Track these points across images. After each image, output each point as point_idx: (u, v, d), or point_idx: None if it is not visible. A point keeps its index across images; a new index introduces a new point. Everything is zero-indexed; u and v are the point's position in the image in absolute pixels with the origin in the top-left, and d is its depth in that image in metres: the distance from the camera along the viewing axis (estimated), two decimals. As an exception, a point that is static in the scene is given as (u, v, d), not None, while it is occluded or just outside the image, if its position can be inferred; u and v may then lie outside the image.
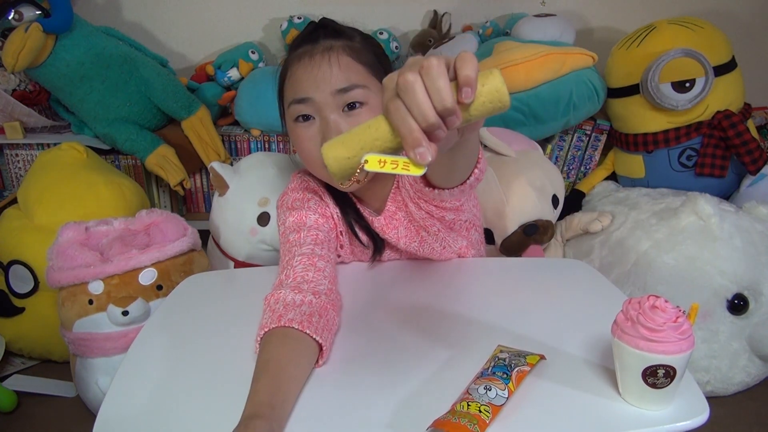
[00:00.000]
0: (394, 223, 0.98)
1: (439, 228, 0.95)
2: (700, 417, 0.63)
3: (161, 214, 1.37)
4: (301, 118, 0.88)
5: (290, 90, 0.89)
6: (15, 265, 1.47)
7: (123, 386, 0.71)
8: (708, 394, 1.40)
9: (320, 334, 0.74)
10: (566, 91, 1.66)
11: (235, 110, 1.81)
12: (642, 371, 0.61)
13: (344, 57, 0.87)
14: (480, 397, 0.63)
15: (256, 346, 0.74)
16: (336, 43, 0.88)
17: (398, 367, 0.73)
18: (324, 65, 0.86)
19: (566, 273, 1.00)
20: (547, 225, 1.52)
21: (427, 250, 0.99)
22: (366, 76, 0.88)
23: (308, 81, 0.86)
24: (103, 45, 1.65)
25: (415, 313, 0.85)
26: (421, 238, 0.98)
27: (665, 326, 0.60)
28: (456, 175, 0.72)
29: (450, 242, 0.99)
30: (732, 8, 2.00)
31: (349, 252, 1.03)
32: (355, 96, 0.86)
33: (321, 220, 0.96)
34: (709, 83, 1.55)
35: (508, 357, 0.69)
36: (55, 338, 1.38)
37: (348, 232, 1.01)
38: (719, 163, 1.62)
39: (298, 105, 0.87)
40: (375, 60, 0.91)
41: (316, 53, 0.87)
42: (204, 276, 1.05)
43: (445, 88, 0.47)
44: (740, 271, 1.37)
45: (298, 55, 0.89)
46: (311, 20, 0.95)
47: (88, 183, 1.49)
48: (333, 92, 0.85)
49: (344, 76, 0.85)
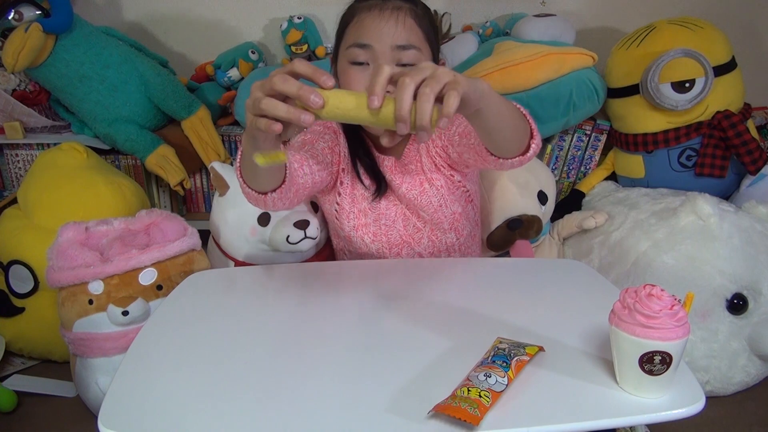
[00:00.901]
0: (402, 168, 1.07)
1: (442, 184, 1.06)
2: (696, 405, 0.64)
3: (161, 214, 1.37)
4: (356, 62, 0.96)
5: (353, 34, 0.98)
6: (15, 265, 1.47)
7: (123, 386, 0.71)
8: (707, 394, 1.40)
9: None
10: (566, 91, 1.66)
11: (235, 110, 1.81)
12: (639, 358, 0.63)
13: (409, 19, 0.96)
14: (480, 383, 0.64)
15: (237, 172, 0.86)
16: (405, 5, 0.98)
17: (400, 356, 0.74)
18: (392, 21, 0.95)
19: (566, 273, 1.00)
20: (533, 220, 1.53)
21: (425, 203, 1.08)
22: (422, 42, 0.97)
23: (374, 30, 0.95)
24: (103, 45, 1.65)
25: (417, 308, 0.87)
26: (423, 189, 1.07)
27: (661, 313, 0.62)
28: (506, 146, 0.83)
29: (448, 202, 1.08)
30: (732, 8, 2.00)
31: (349, 191, 1.11)
32: (411, 56, 0.95)
33: (327, 150, 1.06)
34: (709, 83, 1.55)
35: (508, 347, 0.71)
36: (55, 338, 1.38)
37: (351, 171, 1.10)
38: (719, 163, 1.62)
39: (357, 49, 0.96)
40: (431, 29, 1.01)
41: (386, 9, 0.96)
42: (204, 275, 1.05)
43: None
44: (740, 271, 1.38)
45: (368, 5, 0.98)
46: None
47: (88, 183, 1.49)
48: (393, 47, 0.94)
49: (406, 36, 0.95)
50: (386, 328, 0.81)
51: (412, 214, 1.10)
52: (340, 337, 0.79)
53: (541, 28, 1.77)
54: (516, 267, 1.06)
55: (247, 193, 0.89)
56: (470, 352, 0.72)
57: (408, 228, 1.12)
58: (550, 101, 1.66)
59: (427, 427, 0.61)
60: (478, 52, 1.79)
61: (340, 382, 0.70)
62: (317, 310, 0.88)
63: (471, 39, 1.82)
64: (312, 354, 0.76)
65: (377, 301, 0.89)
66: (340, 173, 1.11)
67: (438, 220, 1.08)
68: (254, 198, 0.89)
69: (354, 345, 0.78)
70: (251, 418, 0.65)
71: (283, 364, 0.75)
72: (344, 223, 1.13)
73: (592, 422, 0.62)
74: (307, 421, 0.64)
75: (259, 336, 0.80)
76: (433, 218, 1.08)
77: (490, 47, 1.74)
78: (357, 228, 1.12)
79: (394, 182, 1.08)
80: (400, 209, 1.11)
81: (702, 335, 1.37)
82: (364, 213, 1.12)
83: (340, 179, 1.11)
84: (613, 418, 0.62)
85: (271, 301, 0.92)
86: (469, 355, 0.71)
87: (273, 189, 0.88)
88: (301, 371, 0.73)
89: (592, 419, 0.62)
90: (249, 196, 0.90)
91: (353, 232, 1.12)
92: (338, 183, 1.11)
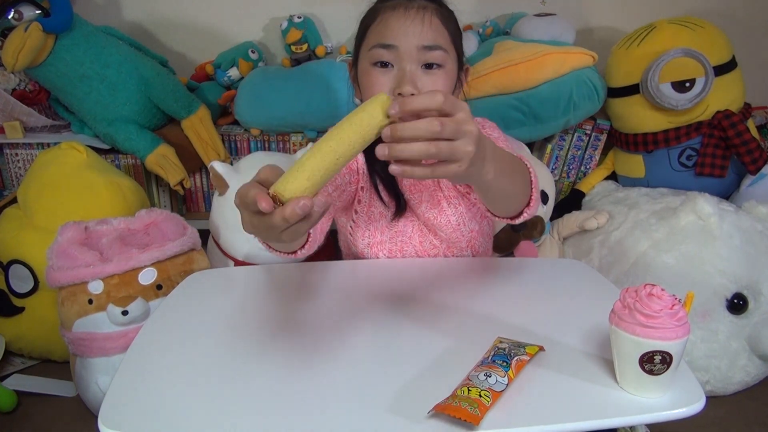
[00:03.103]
0: (420, 186, 1.03)
1: (460, 202, 1.03)
2: (696, 404, 0.64)
3: (161, 213, 1.37)
4: (380, 63, 0.92)
5: (377, 34, 0.93)
6: (15, 265, 1.47)
7: (123, 386, 0.71)
8: (708, 394, 1.40)
9: None
10: (566, 90, 1.66)
11: (234, 110, 1.81)
12: (639, 358, 0.63)
13: (435, 19, 0.92)
14: (480, 382, 0.64)
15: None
16: (430, 5, 0.94)
17: (400, 356, 0.74)
18: (417, 20, 0.91)
19: (566, 272, 1.00)
20: (536, 220, 1.53)
21: (443, 222, 1.04)
22: (448, 42, 0.94)
23: (399, 30, 0.90)
24: (103, 45, 1.65)
25: (418, 307, 0.87)
26: (441, 209, 1.03)
27: (662, 313, 0.62)
28: (502, 208, 0.84)
29: (466, 220, 1.04)
30: (732, 8, 2.00)
31: (366, 209, 1.07)
32: (437, 57, 0.91)
33: (344, 169, 1.01)
34: (709, 83, 1.55)
35: (508, 347, 0.71)
36: (55, 338, 1.38)
37: (370, 188, 1.06)
38: (719, 163, 1.62)
39: (381, 50, 0.91)
40: (456, 31, 0.97)
41: (411, 8, 0.92)
42: (204, 275, 1.05)
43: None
44: (740, 271, 1.37)
45: (392, 5, 0.94)
46: None
47: (88, 183, 1.49)
48: (419, 47, 0.90)
49: (433, 35, 0.91)
50: (386, 328, 0.81)
51: (430, 231, 1.07)
52: (340, 337, 0.79)
53: (541, 28, 1.77)
54: (516, 266, 1.06)
55: (275, 254, 0.85)
56: (470, 352, 0.72)
57: (424, 245, 1.09)
58: (550, 101, 1.66)
59: (428, 426, 0.61)
60: (478, 51, 1.79)
61: (340, 382, 0.70)
62: (317, 309, 0.88)
63: (471, 38, 1.82)
64: (312, 353, 0.76)
65: (377, 301, 0.89)
66: (359, 191, 1.07)
67: (456, 239, 1.05)
68: (283, 256, 0.86)
69: (354, 345, 0.78)
70: (251, 417, 0.65)
71: (283, 363, 0.74)
72: (358, 240, 1.08)
73: (592, 422, 0.62)
74: (307, 421, 0.64)
75: (259, 336, 0.80)
76: (450, 237, 1.04)
77: (490, 47, 1.74)
78: (372, 245, 1.08)
79: (412, 201, 1.05)
80: (417, 226, 1.08)
81: (702, 335, 1.37)
82: (380, 231, 1.08)
83: (358, 197, 1.07)
84: (613, 418, 0.62)
85: (271, 301, 0.91)
86: (470, 355, 0.71)
87: (302, 245, 0.84)
88: (300, 371, 0.73)
89: (592, 419, 0.62)
90: (277, 255, 0.86)
91: (368, 249, 1.08)
92: (356, 200, 1.07)
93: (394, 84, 0.90)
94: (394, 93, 0.89)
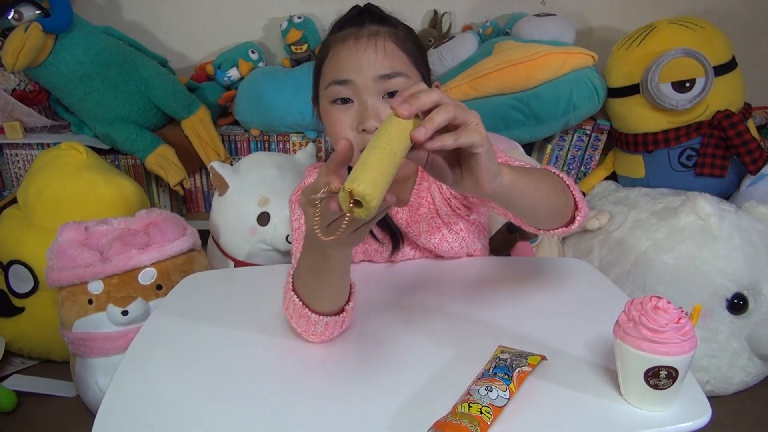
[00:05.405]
0: (416, 217, 0.98)
1: (461, 227, 0.97)
2: (702, 418, 0.62)
3: (161, 213, 1.37)
4: (339, 101, 0.86)
5: (330, 71, 0.87)
6: (15, 265, 1.47)
7: (122, 386, 0.70)
8: (708, 394, 1.39)
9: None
10: (566, 90, 1.66)
11: (234, 110, 1.81)
12: (644, 372, 0.61)
13: (389, 44, 0.86)
14: (481, 398, 0.62)
15: (289, 289, 0.76)
16: (382, 29, 0.87)
17: (398, 368, 0.73)
18: (369, 49, 0.85)
19: (567, 272, 0.99)
20: None
21: (446, 249, 0.99)
22: (408, 65, 0.87)
23: (352, 63, 0.85)
24: (103, 45, 1.65)
25: (415, 313, 0.85)
26: (442, 236, 0.98)
27: (668, 327, 0.60)
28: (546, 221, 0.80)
29: (469, 243, 1.00)
30: (732, 8, 2.00)
31: (361, 249, 1.01)
32: (397, 84, 0.85)
33: None
34: (709, 83, 1.55)
35: (509, 358, 0.69)
36: (55, 338, 1.38)
37: None
38: (719, 163, 1.62)
39: (337, 86, 0.85)
40: (416, 50, 0.90)
41: (361, 37, 0.86)
42: (203, 275, 1.05)
43: None
44: (740, 271, 1.37)
45: (342, 36, 0.88)
46: (356, 4, 0.94)
47: (88, 183, 1.49)
48: (376, 77, 0.84)
49: (389, 63, 0.85)
50: (385, 335, 0.79)
51: (431, 254, 1.03)
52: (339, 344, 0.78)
53: (541, 28, 1.77)
54: (517, 266, 1.05)
55: (310, 335, 0.78)
56: (471, 361, 0.70)
57: None
58: (550, 101, 1.66)
59: (427, 445, 0.60)
60: (478, 51, 1.79)
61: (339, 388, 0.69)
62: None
63: (471, 39, 1.82)
64: (312, 353, 0.76)
65: (376, 303, 0.88)
66: None
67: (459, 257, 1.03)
68: (330, 329, 0.77)
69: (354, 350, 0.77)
70: (250, 418, 0.64)
71: (283, 364, 0.74)
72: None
73: None
74: (308, 420, 0.64)
75: (259, 336, 0.80)
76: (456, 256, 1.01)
77: (490, 47, 1.74)
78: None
79: (411, 234, 0.99)
80: (419, 252, 1.03)
81: (702, 335, 1.37)
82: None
83: None
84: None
85: (271, 302, 0.91)
86: (470, 365, 0.70)
87: (345, 304, 0.77)
88: (300, 371, 0.73)
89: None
90: (321, 332, 0.77)
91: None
92: None
93: (357, 120, 0.85)
94: (358, 129, 0.84)
